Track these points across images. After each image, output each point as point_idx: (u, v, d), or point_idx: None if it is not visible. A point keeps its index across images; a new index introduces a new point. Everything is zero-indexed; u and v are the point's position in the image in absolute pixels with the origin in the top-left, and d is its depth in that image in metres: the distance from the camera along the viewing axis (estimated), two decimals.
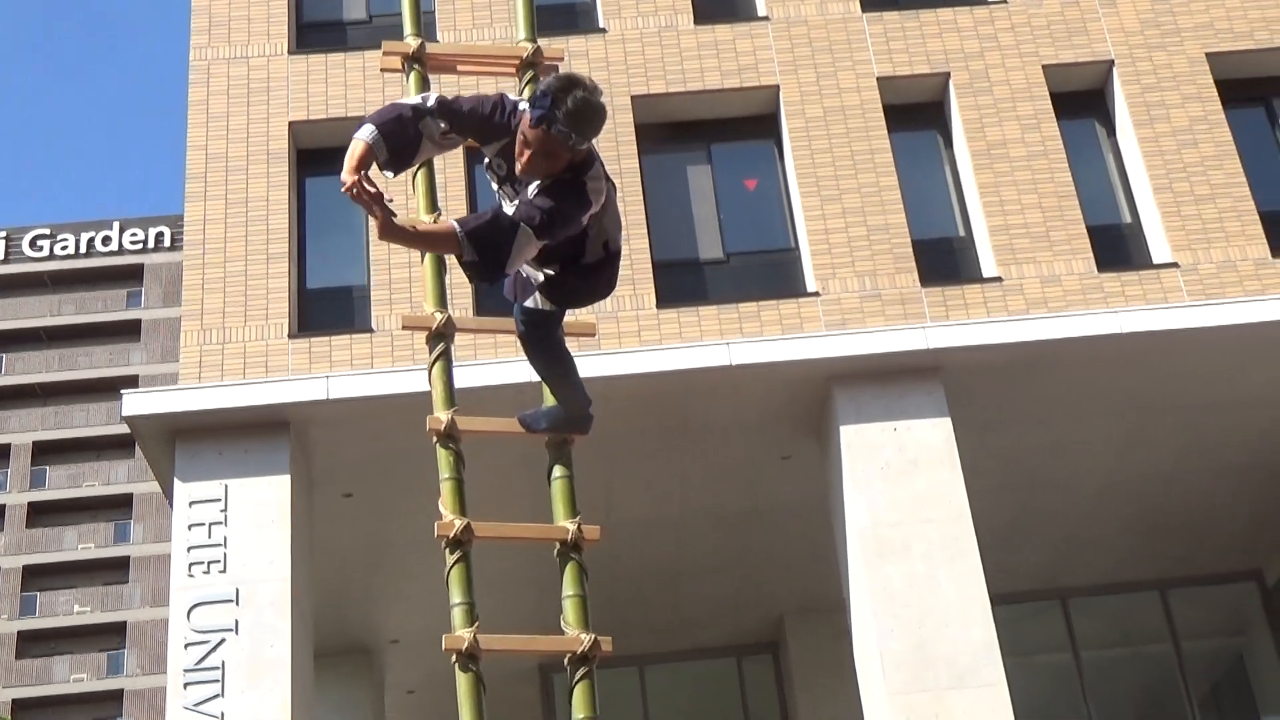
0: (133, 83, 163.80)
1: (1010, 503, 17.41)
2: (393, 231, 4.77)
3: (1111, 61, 17.02)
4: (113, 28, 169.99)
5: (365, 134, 4.86)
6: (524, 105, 4.96)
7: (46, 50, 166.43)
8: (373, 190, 4.71)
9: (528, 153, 4.80)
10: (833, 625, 17.81)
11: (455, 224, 4.82)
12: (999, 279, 15.68)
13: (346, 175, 4.73)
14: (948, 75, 16.90)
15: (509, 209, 4.98)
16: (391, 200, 4.85)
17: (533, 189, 4.92)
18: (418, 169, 5.77)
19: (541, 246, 4.90)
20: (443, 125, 4.97)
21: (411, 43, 6.13)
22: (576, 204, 4.90)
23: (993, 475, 16.47)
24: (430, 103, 4.98)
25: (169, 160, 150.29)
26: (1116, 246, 16.31)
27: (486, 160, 5.10)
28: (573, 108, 4.70)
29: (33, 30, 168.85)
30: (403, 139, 4.91)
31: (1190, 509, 18.44)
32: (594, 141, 4.91)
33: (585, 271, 5.17)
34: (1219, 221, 16.07)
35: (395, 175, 5.01)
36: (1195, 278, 15.70)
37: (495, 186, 5.15)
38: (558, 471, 5.37)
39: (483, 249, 4.79)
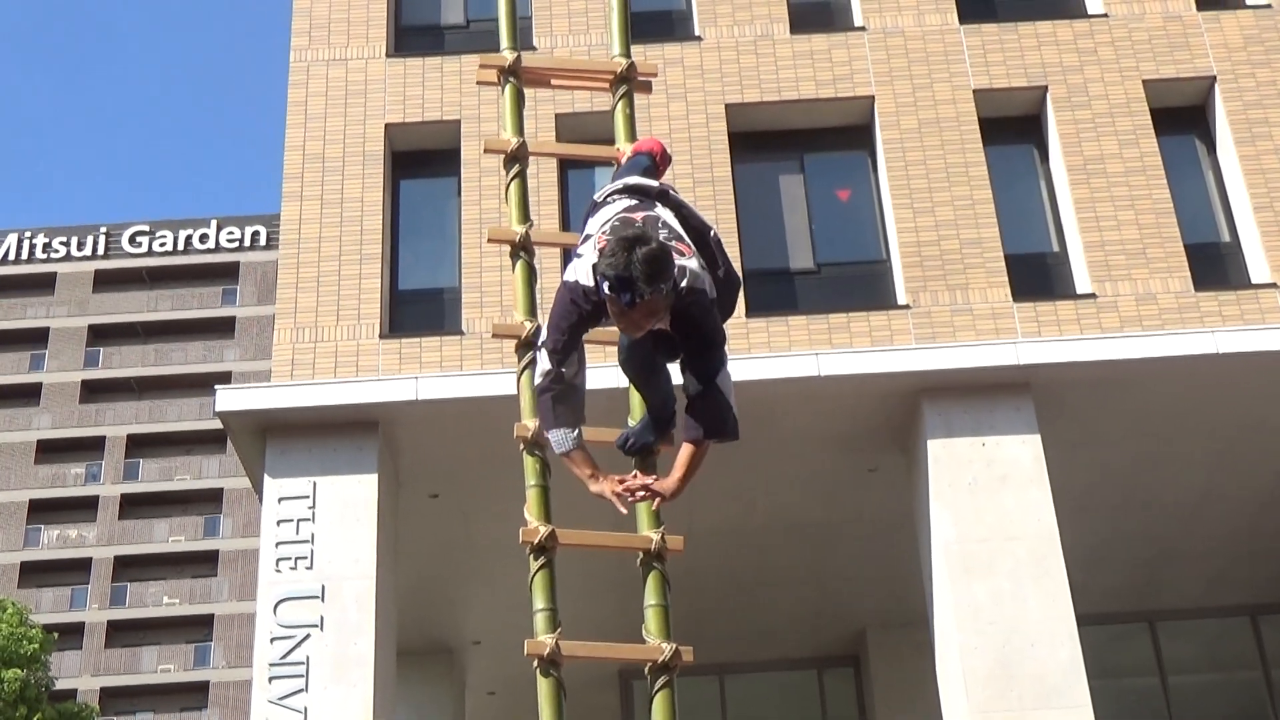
0: (234, 83, 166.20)
1: (1099, 522, 17.21)
2: (677, 491, 5.04)
3: (1213, 77, 16.78)
4: (214, 28, 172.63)
5: (566, 444, 4.98)
6: (588, 281, 4.86)
7: (150, 50, 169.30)
8: (635, 483, 4.99)
9: (634, 322, 4.78)
10: (915, 640, 17.69)
11: (693, 441, 4.98)
12: (1093, 296, 15.51)
13: (605, 490, 5.00)
14: (1045, 89, 16.74)
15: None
16: (649, 484, 5.08)
17: (662, 325, 4.96)
18: (511, 181, 5.89)
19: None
20: (567, 361, 5.00)
21: (508, 56, 6.16)
22: (707, 309, 4.94)
23: (1082, 494, 16.29)
24: (549, 363, 4.98)
25: (267, 160, 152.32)
26: (1214, 265, 16.07)
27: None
28: (645, 272, 4.62)
29: (134, 31, 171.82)
30: (576, 410, 5.03)
31: None
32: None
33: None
34: None
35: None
36: None
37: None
38: None
39: (726, 423, 4.99)
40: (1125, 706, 19.17)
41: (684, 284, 4.84)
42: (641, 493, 5.07)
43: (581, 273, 4.90)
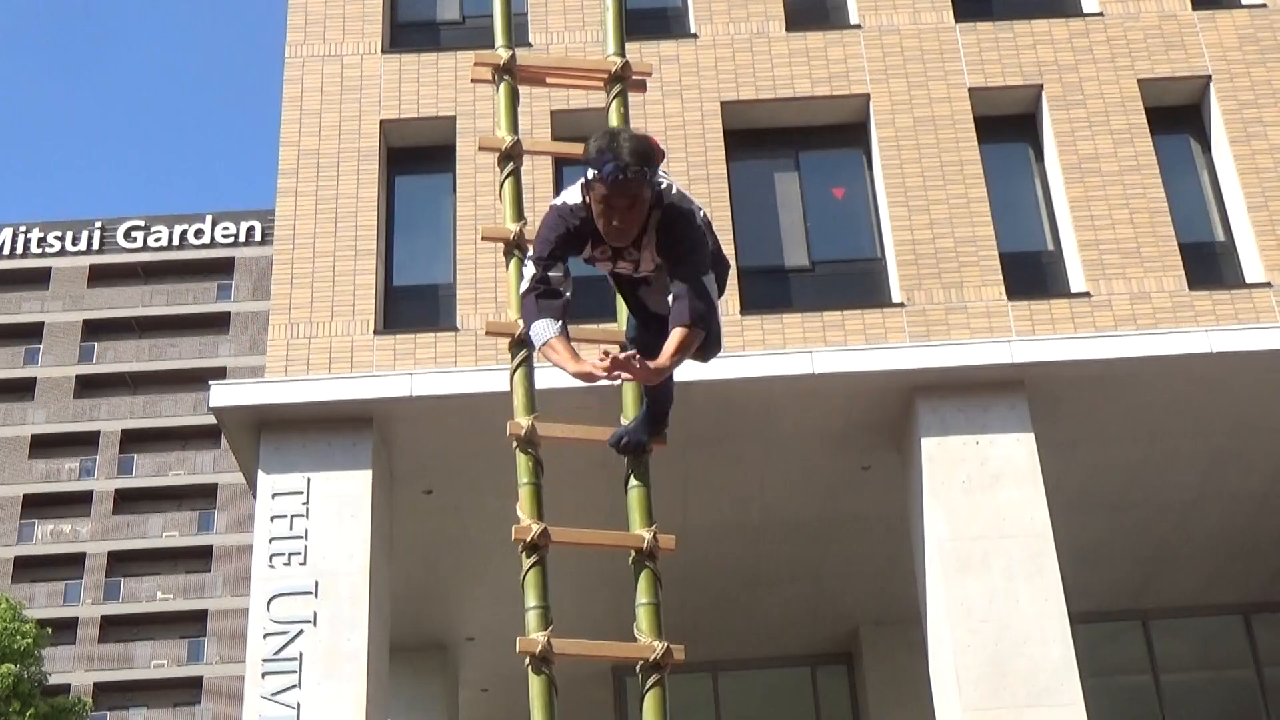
0: (229, 78, 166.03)
1: (1093, 521, 17.22)
2: (661, 369, 4.88)
3: (1209, 77, 16.79)
4: (210, 23, 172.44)
5: (548, 332, 4.89)
6: (575, 199, 4.96)
7: (145, 46, 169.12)
8: (622, 362, 4.77)
9: (618, 212, 4.82)
10: (908, 638, 17.70)
11: (683, 325, 4.87)
12: (1087, 294, 15.52)
13: (586, 368, 4.79)
14: (1040, 87, 16.75)
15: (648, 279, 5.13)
16: (635, 355, 4.86)
17: (648, 252, 4.98)
18: (505, 178, 5.89)
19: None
20: (553, 269, 4.99)
21: (502, 54, 6.16)
22: (693, 222, 4.98)
23: (1075, 492, 16.31)
24: (535, 268, 5.00)
25: (262, 156, 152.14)
26: (1208, 264, 16.08)
27: (586, 257, 5.11)
28: (631, 148, 4.76)
29: (130, 27, 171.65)
30: (562, 308, 4.97)
31: (1278, 532, 18.14)
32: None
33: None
34: None
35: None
36: None
37: (611, 270, 5.21)
38: (635, 480, 5.37)
39: (712, 321, 4.94)
40: (1118, 705, 19.19)
41: (670, 199, 4.92)
42: (618, 372, 4.84)
43: (569, 195, 5.00)
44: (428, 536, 16.79)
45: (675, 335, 4.91)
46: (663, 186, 4.95)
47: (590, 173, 4.81)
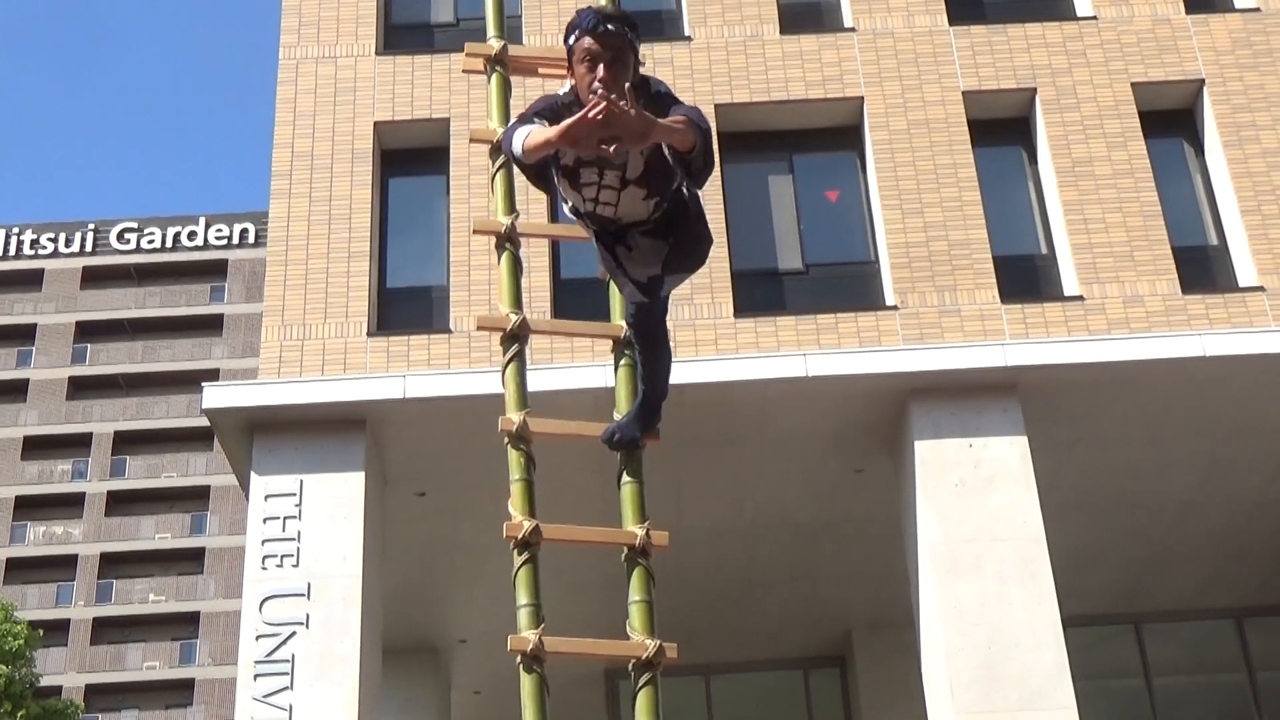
0: (223, 80, 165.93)
1: (1086, 524, 17.23)
2: (652, 124, 4.32)
3: (1202, 80, 16.81)
4: (204, 24, 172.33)
5: (530, 125, 4.61)
6: (567, 88, 4.78)
7: (139, 47, 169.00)
8: (613, 104, 4.21)
9: (604, 65, 4.58)
10: (901, 641, 17.70)
11: (681, 115, 4.51)
12: (1080, 298, 15.53)
13: (574, 123, 4.26)
14: (1034, 91, 16.76)
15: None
16: (628, 99, 4.28)
17: (635, 158, 4.75)
18: (496, 171, 5.85)
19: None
20: (540, 119, 4.73)
21: (494, 45, 6.13)
22: (680, 101, 4.79)
23: (1069, 496, 16.31)
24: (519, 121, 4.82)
25: (256, 157, 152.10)
26: (1202, 268, 16.10)
27: (571, 163, 4.80)
28: (614, 7, 4.77)
29: (124, 28, 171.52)
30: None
31: (1273, 536, 18.16)
32: None
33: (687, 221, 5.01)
34: None
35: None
36: None
37: (594, 211, 4.91)
38: (627, 476, 5.33)
39: (706, 135, 4.58)
40: (1110, 708, 19.19)
41: (656, 88, 4.74)
42: (615, 110, 4.27)
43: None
44: (421, 539, 16.77)
45: (672, 118, 4.53)
46: (656, 88, 4.74)
47: (571, 37, 4.64)
